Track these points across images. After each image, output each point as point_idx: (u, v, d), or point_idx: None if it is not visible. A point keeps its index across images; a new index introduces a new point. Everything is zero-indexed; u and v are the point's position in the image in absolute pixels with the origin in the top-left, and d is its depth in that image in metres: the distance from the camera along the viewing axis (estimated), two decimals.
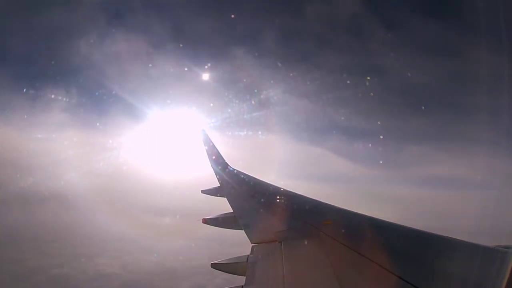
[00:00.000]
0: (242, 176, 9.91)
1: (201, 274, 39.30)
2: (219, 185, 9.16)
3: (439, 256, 3.28)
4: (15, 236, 45.85)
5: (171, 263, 42.69)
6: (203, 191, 9.04)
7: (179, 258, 43.85)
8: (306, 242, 4.15)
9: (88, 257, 42.84)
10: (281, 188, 7.91)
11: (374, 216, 4.83)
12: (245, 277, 3.48)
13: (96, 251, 44.74)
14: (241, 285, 3.31)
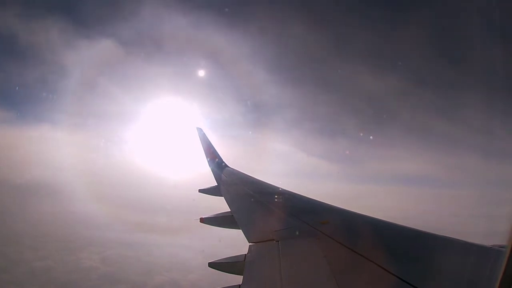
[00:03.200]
0: (240, 175, 9.91)
1: (177, 270, 40.19)
2: (216, 184, 9.17)
3: (435, 254, 3.31)
4: (6, 231, 46.32)
5: (153, 259, 43.33)
6: (201, 190, 9.04)
7: (166, 255, 44.38)
8: (303, 241, 4.15)
9: (72, 251, 43.89)
10: (278, 187, 7.93)
11: (371, 216, 4.86)
12: (242, 276, 3.48)
13: (81, 246, 45.90)
14: (238, 284, 3.32)
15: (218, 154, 11.33)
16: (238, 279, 3.44)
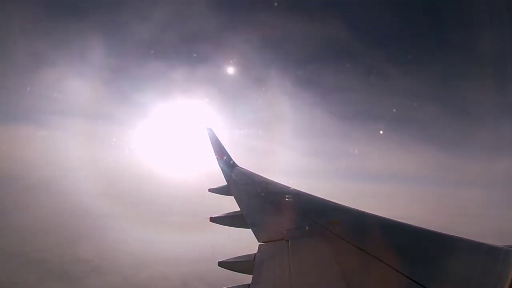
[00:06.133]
0: (249, 174, 9.94)
1: (170, 265, 41.32)
2: (226, 183, 9.20)
3: (446, 255, 3.28)
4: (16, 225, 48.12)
5: (149, 255, 44.62)
6: (211, 190, 9.08)
7: (165, 252, 45.34)
8: (313, 241, 4.15)
9: (69, 245, 45.79)
10: (288, 186, 7.92)
11: (381, 215, 4.83)
12: (251, 275, 3.50)
13: (79, 240, 47.33)
14: (247, 283, 3.34)
15: (228, 154, 11.38)
16: (244, 278, 3.47)
